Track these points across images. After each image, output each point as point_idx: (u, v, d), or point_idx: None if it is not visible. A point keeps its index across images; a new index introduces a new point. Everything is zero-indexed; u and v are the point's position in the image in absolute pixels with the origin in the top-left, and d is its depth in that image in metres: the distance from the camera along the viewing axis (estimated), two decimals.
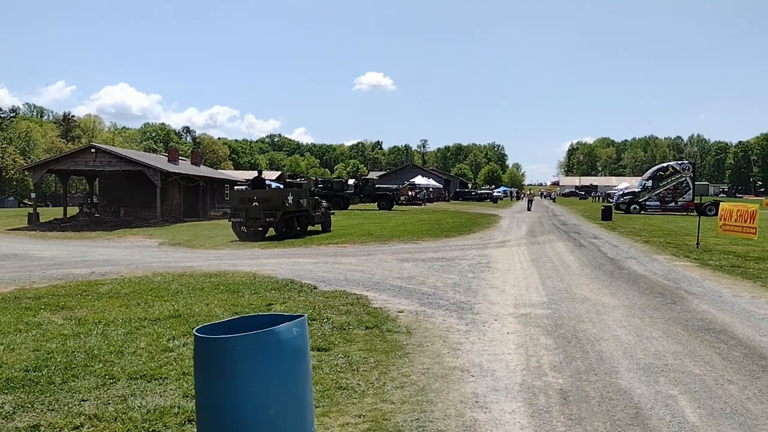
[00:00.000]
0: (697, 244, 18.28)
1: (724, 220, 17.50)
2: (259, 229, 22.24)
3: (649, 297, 9.86)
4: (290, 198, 21.90)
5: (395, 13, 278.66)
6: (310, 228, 24.42)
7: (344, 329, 7.37)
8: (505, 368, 5.79)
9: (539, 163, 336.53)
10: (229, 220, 22.33)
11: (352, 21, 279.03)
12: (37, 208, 36.49)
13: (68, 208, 40.33)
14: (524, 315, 8.31)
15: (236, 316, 3.69)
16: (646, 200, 44.07)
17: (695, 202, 43.73)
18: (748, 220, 16.35)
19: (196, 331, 3.34)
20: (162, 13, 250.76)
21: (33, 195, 38.23)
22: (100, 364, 5.95)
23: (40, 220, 34.51)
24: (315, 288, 10.64)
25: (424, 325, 7.68)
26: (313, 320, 7.87)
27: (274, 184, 50.46)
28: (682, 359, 6.13)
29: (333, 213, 27.70)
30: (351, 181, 52.32)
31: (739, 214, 16.84)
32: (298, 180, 26.63)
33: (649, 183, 44.56)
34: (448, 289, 10.53)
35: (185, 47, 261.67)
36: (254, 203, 21.24)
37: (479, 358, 6.14)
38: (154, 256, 17.24)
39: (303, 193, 23.44)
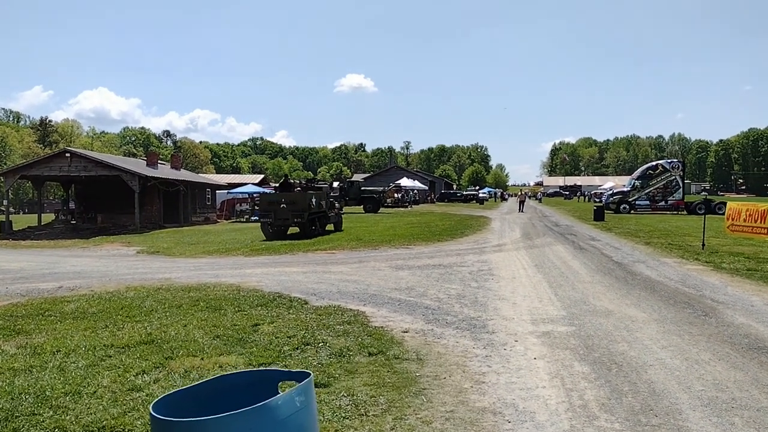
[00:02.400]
0: (703, 245, 17.49)
1: (732, 220, 16.70)
2: (281, 228, 23.81)
3: (676, 308, 8.94)
4: (313, 200, 23.81)
5: (375, 14, 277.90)
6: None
7: (344, 356, 6.33)
8: (545, 409, 4.78)
9: (521, 163, 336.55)
10: (259, 221, 24.47)
11: (331, 22, 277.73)
12: (13, 216, 35.00)
13: (46, 215, 38.84)
14: (546, 334, 7.32)
15: (211, 377, 2.64)
16: (635, 200, 43.42)
17: (685, 200, 43.32)
18: (759, 220, 15.55)
19: (153, 407, 2.29)
20: (141, 17, 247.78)
21: (5, 202, 36.63)
22: (51, 412, 4.86)
23: (13, 228, 33.06)
24: (306, 303, 9.59)
25: (435, 348, 6.66)
26: (307, 345, 6.84)
27: (258, 189, 49.26)
28: (749, 390, 5.17)
29: (343, 213, 30.02)
30: (336, 184, 51.11)
31: (748, 213, 16.05)
32: (316, 185, 29.48)
33: (639, 182, 43.93)
34: (453, 302, 9.53)
35: (165, 51, 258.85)
36: (282, 205, 23.07)
37: (510, 394, 5.13)
38: (130, 266, 16.07)
39: (322, 196, 25.51)
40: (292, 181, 27.03)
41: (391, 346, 6.73)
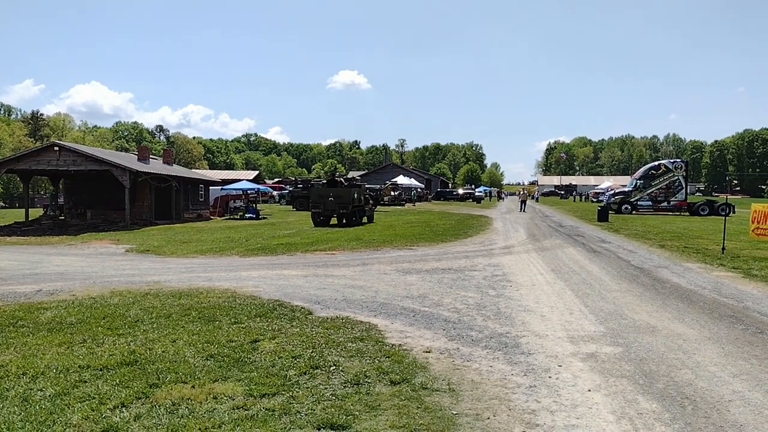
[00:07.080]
0: (723, 249, 16.63)
1: (758, 223, 15.82)
2: (328, 217, 27.64)
3: (724, 323, 8.01)
4: (355, 195, 27.67)
5: (368, 11, 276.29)
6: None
7: (361, 384, 5.36)
8: None
9: (515, 162, 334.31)
10: (310, 210, 28.44)
11: (324, 18, 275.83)
12: (2, 210, 33.78)
13: (35, 210, 37.62)
14: (591, 356, 6.36)
15: None
16: (638, 200, 42.55)
17: (688, 201, 42.50)
18: None
19: None
20: (134, 11, 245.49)
21: None
22: None
23: None
24: (310, 313, 8.62)
25: (467, 375, 5.70)
26: (316, 368, 5.86)
27: (252, 186, 48.29)
28: None
29: (375, 209, 34.23)
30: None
31: None
32: (341, 180, 32.27)
33: (641, 182, 43.06)
34: (474, 314, 8.57)
35: (158, 46, 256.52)
36: (330, 198, 27.08)
37: None
38: (118, 266, 15.04)
39: (361, 192, 29.35)
40: (337, 178, 30.83)
41: (415, 371, 5.77)
